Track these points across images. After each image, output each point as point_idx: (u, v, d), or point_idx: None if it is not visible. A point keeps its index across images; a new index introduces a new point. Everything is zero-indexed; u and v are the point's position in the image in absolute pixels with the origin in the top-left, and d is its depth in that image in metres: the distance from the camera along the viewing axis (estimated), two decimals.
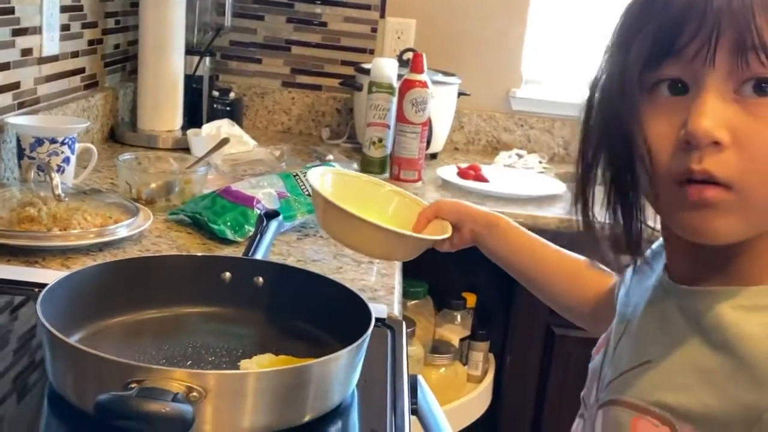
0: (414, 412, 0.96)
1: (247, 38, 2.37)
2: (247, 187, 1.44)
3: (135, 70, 2.07)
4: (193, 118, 2.09)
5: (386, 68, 1.92)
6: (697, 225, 0.65)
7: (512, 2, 2.33)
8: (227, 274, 1.03)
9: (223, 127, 1.96)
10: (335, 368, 0.83)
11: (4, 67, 1.54)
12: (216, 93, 2.19)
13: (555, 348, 1.83)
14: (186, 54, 2.06)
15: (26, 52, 1.62)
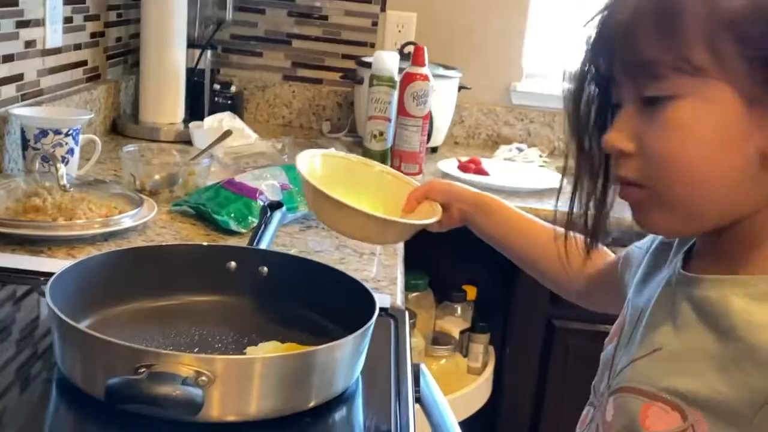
0: (417, 401, 0.97)
1: (248, 32, 2.38)
2: (251, 179, 1.45)
3: (137, 63, 2.08)
4: (195, 112, 2.10)
5: (387, 61, 1.91)
6: (639, 219, 0.73)
7: None
8: (233, 264, 1.03)
9: (225, 120, 1.96)
10: (340, 355, 0.84)
11: (8, 59, 1.55)
12: (217, 86, 2.19)
13: (555, 340, 1.84)
14: (187, 47, 2.06)
15: (30, 44, 1.63)
